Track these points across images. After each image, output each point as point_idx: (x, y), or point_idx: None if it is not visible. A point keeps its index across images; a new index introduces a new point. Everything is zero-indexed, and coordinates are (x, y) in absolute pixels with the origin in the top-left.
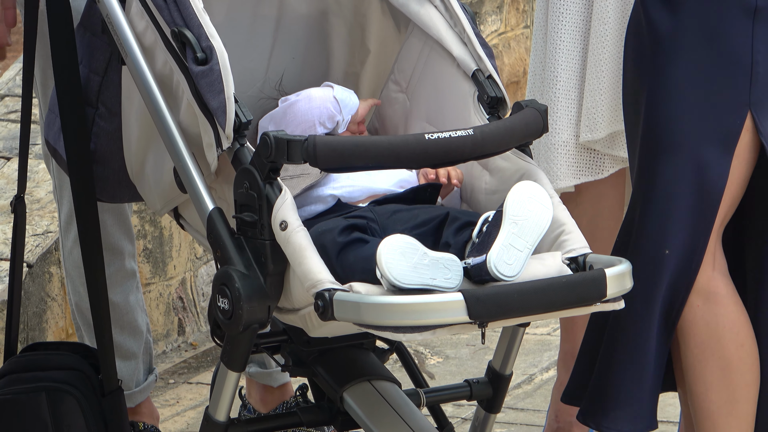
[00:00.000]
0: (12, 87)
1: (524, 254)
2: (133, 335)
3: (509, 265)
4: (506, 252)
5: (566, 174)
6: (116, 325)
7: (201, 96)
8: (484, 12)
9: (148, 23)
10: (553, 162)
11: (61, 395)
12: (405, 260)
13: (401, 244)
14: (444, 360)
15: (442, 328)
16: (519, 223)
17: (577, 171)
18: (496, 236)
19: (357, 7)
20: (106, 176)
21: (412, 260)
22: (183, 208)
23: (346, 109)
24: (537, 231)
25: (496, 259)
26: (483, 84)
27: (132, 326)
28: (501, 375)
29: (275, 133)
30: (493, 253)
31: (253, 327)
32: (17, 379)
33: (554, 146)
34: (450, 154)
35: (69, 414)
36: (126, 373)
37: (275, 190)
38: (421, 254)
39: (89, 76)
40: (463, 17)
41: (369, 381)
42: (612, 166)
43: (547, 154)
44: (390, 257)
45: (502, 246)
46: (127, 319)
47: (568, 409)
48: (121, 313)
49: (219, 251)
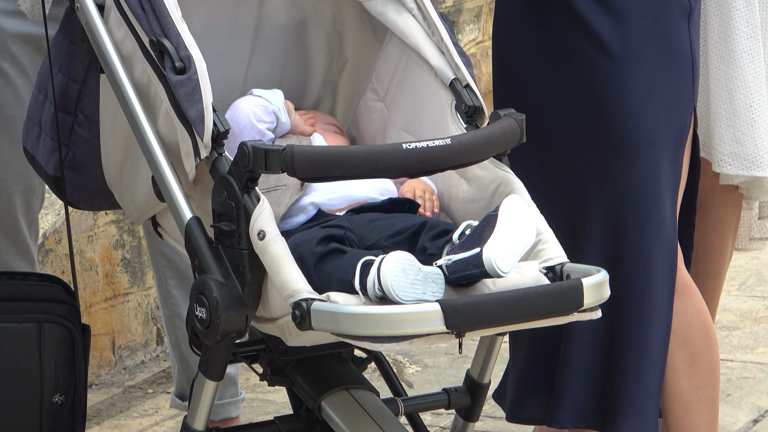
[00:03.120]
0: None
1: (514, 258)
2: None
3: (504, 262)
4: (502, 249)
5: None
6: None
7: (179, 105)
8: (462, 21)
9: (127, 32)
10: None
11: (56, 328)
12: (405, 277)
13: (402, 262)
14: (422, 369)
15: (420, 338)
16: (513, 228)
17: None
18: (489, 235)
19: (335, 15)
20: (84, 184)
21: (411, 276)
22: (161, 216)
23: (271, 96)
24: (525, 242)
25: (493, 252)
26: (461, 93)
27: None
28: (479, 383)
29: (253, 143)
30: (491, 246)
31: (231, 336)
32: (3, 309)
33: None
34: (428, 164)
35: (60, 346)
36: None
37: (253, 199)
38: (416, 269)
39: (68, 83)
40: (440, 26)
41: (347, 390)
42: None
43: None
44: (393, 275)
45: (499, 242)
46: None
47: None
48: None
49: (197, 260)
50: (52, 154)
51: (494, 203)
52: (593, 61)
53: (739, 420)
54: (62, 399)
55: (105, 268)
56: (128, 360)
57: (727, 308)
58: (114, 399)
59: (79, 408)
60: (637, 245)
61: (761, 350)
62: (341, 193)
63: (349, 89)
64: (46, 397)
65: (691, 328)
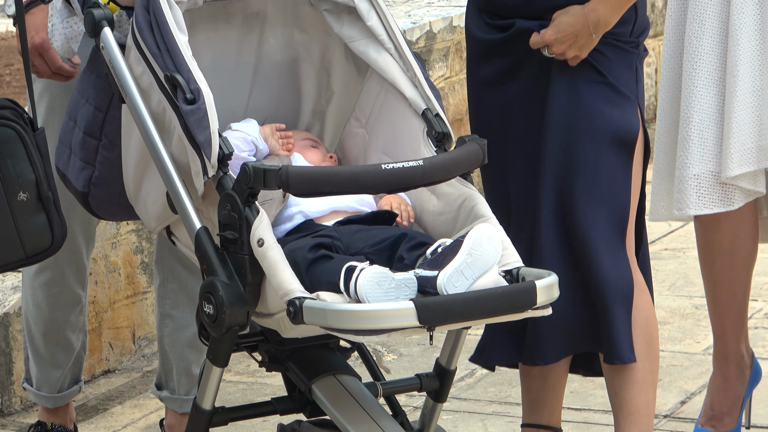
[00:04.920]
0: None
1: (468, 282)
2: (65, 350)
3: (455, 287)
4: (456, 276)
5: (697, 204)
6: (51, 338)
7: (190, 131)
8: (432, 59)
9: (145, 68)
10: (685, 193)
11: (1, 129)
12: (379, 288)
13: (376, 275)
14: (398, 357)
15: (396, 332)
16: (473, 256)
17: (709, 202)
18: (451, 259)
19: (323, 54)
20: (108, 198)
21: (384, 287)
22: (174, 226)
23: (247, 128)
24: (484, 267)
25: (446, 281)
26: (431, 121)
27: (65, 342)
28: (447, 370)
29: (254, 164)
30: (446, 273)
31: (235, 329)
32: None
33: (686, 178)
34: (403, 182)
35: (9, 144)
36: (51, 380)
37: (253, 212)
38: (390, 280)
39: (94, 112)
40: (414, 64)
41: (334, 375)
42: (742, 199)
43: (679, 185)
44: (369, 287)
45: (455, 270)
46: (62, 335)
47: (722, 399)
48: (58, 328)
49: (205, 264)
50: (80, 172)
51: (460, 216)
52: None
53: (669, 401)
54: (26, 196)
55: (126, 270)
56: (146, 349)
57: (659, 306)
58: (134, 382)
59: (48, 204)
60: None
61: (688, 342)
62: (325, 203)
63: (336, 117)
64: (11, 197)
65: (648, 319)
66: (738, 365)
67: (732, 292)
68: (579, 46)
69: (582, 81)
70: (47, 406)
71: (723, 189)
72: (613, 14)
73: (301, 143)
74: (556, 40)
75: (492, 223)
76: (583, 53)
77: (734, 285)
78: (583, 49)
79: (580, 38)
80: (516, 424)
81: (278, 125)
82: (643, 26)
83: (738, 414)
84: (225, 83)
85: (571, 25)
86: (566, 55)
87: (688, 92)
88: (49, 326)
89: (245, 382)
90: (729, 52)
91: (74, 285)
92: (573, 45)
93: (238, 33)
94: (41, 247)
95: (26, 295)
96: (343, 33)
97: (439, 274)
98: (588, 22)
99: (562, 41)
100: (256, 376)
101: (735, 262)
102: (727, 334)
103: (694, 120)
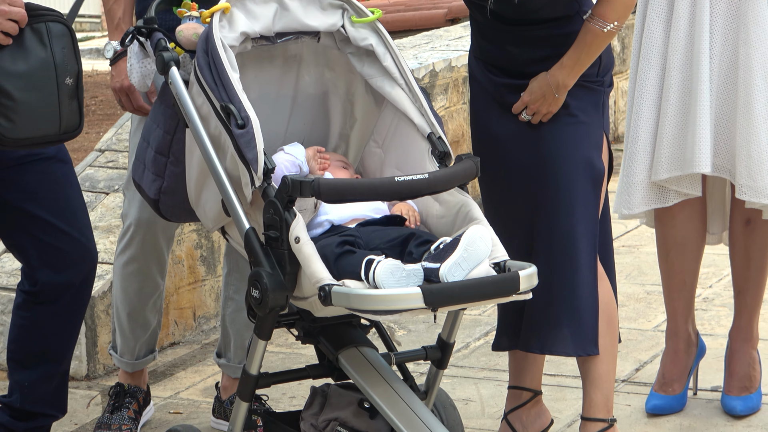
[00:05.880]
0: (110, 144)
1: (465, 272)
2: (144, 327)
3: (454, 276)
4: (455, 267)
5: (640, 203)
6: (133, 317)
7: (241, 150)
8: (435, 93)
9: (204, 100)
10: (632, 195)
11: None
12: (393, 277)
13: (390, 266)
14: (408, 332)
15: (406, 312)
16: (469, 251)
17: (648, 201)
18: (451, 254)
19: (348, 89)
20: (175, 204)
21: (397, 275)
22: (228, 227)
23: (295, 152)
24: (477, 260)
25: (447, 271)
26: (435, 143)
27: (144, 321)
28: (447, 343)
29: (292, 176)
30: (446, 265)
31: (276, 309)
32: None
33: (633, 184)
34: (412, 191)
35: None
36: (131, 349)
37: (291, 215)
38: (401, 270)
39: (164, 135)
40: (421, 96)
41: (356, 347)
42: (675, 198)
43: (627, 189)
44: (384, 276)
45: (454, 263)
46: (142, 315)
47: (672, 369)
48: (140, 309)
49: (252, 257)
50: (152, 183)
51: (458, 219)
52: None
53: (625, 369)
54: (71, 81)
55: (188, 262)
56: (204, 325)
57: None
58: (194, 352)
59: (81, 93)
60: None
61: (641, 321)
62: (348, 211)
63: (358, 139)
64: (61, 80)
65: (609, 303)
66: (686, 341)
67: (683, 280)
68: (548, 104)
69: (560, 123)
70: (127, 370)
71: (660, 190)
72: (570, 78)
73: (335, 164)
74: (531, 101)
75: (484, 225)
76: (553, 109)
77: (684, 274)
78: (552, 106)
79: (547, 98)
80: (503, 387)
81: (319, 147)
82: (607, 67)
83: (685, 381)
84: (269, 112)
85: (539, 89)
86: (540, 112)
87: (636, 116)
88: (133, 308)
89: (284, 353)
90: (665, 83)
91: (156, 275)
92: (542, 104)
93: (280, 71)
94: (71, 127)
95: (116, 281)
96: (364, 71)
97: (441, 265)
98: (550, 85)
99: (534, 101)
100: (293, 347)
101: (685, 254)
102: (677, 314)
103: (641, 138)
